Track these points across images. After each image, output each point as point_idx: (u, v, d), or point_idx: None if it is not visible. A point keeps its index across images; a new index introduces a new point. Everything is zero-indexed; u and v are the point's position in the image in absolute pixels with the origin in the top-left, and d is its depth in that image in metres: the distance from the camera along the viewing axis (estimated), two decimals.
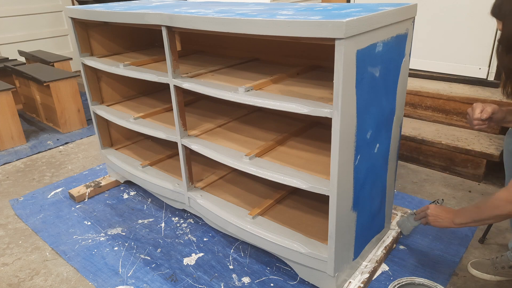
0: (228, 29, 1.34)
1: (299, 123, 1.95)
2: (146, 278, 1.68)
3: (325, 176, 1.41)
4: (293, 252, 1.50)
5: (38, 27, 4.66)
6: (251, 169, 1.51)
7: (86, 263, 1.78)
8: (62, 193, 2.37)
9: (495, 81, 2.60)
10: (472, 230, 1.88)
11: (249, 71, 1.83)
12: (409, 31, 1.45)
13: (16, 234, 2.03)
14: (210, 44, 2.34)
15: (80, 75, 2.52)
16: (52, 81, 3.10)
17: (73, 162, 2.78)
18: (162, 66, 1.95)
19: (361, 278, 1.55)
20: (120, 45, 2.33)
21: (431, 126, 2.61)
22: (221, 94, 1.52)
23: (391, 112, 1.50)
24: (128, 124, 2.00)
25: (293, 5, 1.64)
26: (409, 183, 2.31)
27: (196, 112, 2.16)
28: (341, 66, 1.12)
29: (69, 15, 2.05)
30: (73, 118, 3.33)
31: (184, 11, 1.59)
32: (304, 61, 1.92)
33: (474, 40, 2.62)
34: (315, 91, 1.48)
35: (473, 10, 2.58)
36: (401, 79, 1.50)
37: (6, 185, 2.53)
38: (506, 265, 1.56)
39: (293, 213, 1.72)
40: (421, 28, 2.77)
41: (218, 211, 1.75)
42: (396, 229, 1.81)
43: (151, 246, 1.87)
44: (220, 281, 1.64)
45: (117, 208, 2.20)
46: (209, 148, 1.68)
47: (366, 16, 1.15)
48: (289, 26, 1.17)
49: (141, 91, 2.48)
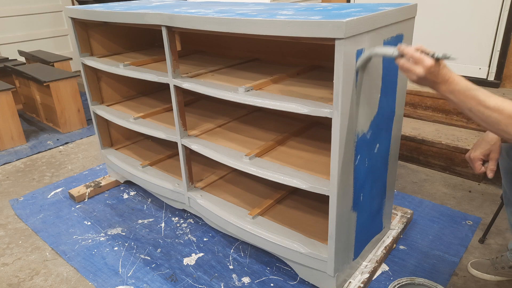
0: (228, 29, 1.34)
1: (299, 123, 1.95)
2: (146, 278, 1.68)
3: (325, 176, 1.41)
4: (293, 252, 1.50)
5: (38, 27, 4.66)
6: (251, 169, 1.51)
7: (86, 263, 1.78)
8: (62, 193, 2.37)
9: (495, 81, 2.60)
10: (472, 230, 1.88)
11: (249, 71, 1.83)
12: (409, 31, 1.45)
13: (16, 234, 2.03)
14: (210, 44, 2.33)
15: (80, 75, 2.52)
16: (52, 81, 3.10)
17: (73, 162, 2.78)
18: (162, 66, 1.95)
19: (361, 278, 1.55)
20: (120, 45, 2.33)
21: (431, 126, 2.61)
22: (221, 94, 1.51)
23: (391, 112, 1.50)
24: (128, 124, 2.00)
25: (293, 5, 1.64)
26: (409, 183, 2.31)
27: (196, 112, 2.16)
28: (341, 66, 1.12)
29: (69, 15, 2.05)
30: (73, 118, 3.33)
31: (184, 11, 1.59)
32: (304, 61, 1.92)
33: (474, 40, 2.62)
34: (315, 91, 1.48)
35: (473, 10, 2.58)
36: (401, 79, 1.50)
37: (6, 185, 2.53)
38: (506, 265, 1.56)
39: (293, 213, 1.72)
40: (421, 28, 2.77)
41: (218, 211, 1.75)
42: (396, 229, 1.81)
43: (151, 246, 1.87)
44: (220, 281, 1.64)
45: (117, 208, 2.20)
46: (209, 148, 1.68)
47: (366, 16, 1.15)
48: (289, 26, 1.17)
49: (141, 91, 2.48)
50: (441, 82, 1.06)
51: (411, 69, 1.07)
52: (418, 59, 1.05)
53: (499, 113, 1.00)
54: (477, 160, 1.29)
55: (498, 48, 2.53)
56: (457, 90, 1.04)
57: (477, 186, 2.25)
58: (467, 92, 1.04)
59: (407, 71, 1.09)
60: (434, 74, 1.05)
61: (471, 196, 2.16)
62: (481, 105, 1.02)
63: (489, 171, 1.27)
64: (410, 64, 1.08)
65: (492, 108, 1.01)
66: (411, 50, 1.07)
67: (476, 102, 1.02)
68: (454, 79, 1.05)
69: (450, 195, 2.18)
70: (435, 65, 1.04)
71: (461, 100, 1.05)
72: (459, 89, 1.04)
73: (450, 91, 1.06)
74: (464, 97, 1.04)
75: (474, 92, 1.03)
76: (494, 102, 1.01)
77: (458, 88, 1.04)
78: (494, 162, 1.27)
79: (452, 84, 1.05)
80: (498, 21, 2.49)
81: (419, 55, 1.05)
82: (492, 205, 2.06)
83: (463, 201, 2.11)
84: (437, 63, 1.04)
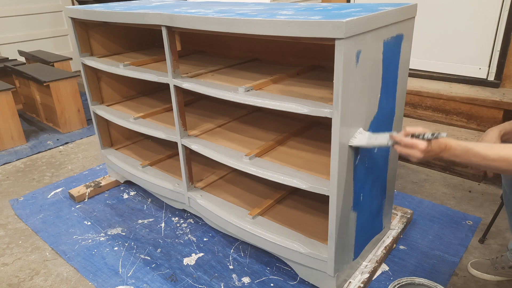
0: (228, 29, 1.34)
1: (299, 123, 1.95)
2: (146, 278, 1.68)
3: (325, 176, 1.41)
4: (293, 252, 1.50)
5: (38, 27, 4.66)
6: (251, 169, 1.51)
7: (86, 263, 1.78)
8: (62, 193, 2.37)
9: (495, 81, 2.60)
10: (472, 230, 1.88)
11: (249, 71, 1.83)
12: (409, 31, 1.45)
13: (16, 234, 2.03)
14: (210, 44, 2.33)
15: (80, 75, 2.52)
16: (52, 81, 3.10)
17: (73, 162, 2.78)
18: (162, 66, 1.95)
19: (361, 278, 1.55)
20: (120, 45, 2.33)
21: (431, 126, 2.61)
22: (221, 94, 1.52)
23: (391, 112, 1.50)
24: (128, 124, 2.00)
25: (293, 5, 1.64)
26: (409, 183, 2.31)
27: (196, 112, 2.16)
28: (341, 66, 1.12)
29: (69, 15, 2.05)
30: (73, 118, 3.33)
31: (184, 11, 1.59)
32: (304, 61, 1.92)
33: (474, 40, 2.62)
34: (315, 91, 1.48)
35: (473, 10, 2.58)
36: (401, 79, 1.50)
37: (6, 185, 2.53)
38: (506, 265, 1.56)
39: (293, 213, 1.72)
40: (421, 28, 2.77)
41: (218, 211, 1.75)
42: (396, 229, 1.81)
43: (151, 246, 1.87)
44: (220, 281, 1.64)
45: (117, 208, 2.20)
46: (209, 148, 1.68)
47: (366, 16, 1.15)
48: (289, 26, 1.17)
49: (141, 91, 2.48)
50: (441, 152, 1.12)
51: (409, 153, 1.14)
52: (411, 145, 1.12)
53: (506, 162, 1.06)
54: None
55: (498, 48, 2.53)
56: (457, 154, 1.11)
57: (477, 186, 2.25)
58: (468, 152, 1.10)
59: (406, 156, 1.15)
60: (432, 151, 1.11)
61: (471, 196, 2.16)
62: (486, 160, 1.08)
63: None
64: (407, 150, 1.14)
65: (496, 160, 1.07)
66: (402, 139, 1.14)
67: (480, 158, 1.08)
68: (451, 145, 1.11)
69: (450, 195, 2.18)
70: (428, 145, 1.10)
71: (467, 160, 1.11)
72: (459, 153, 1.11)
73: (453, 156, 1.12)
74: (467, 158, 1.10)
75: (474, 150, 1.09)
76: (496, 153, 1.07)
77: (458, 153, 1.11)
78: None
79: (451, 150, 1.11)
80: (498, 21, 2.49)
81: (411, 141, 1.12)
82: (492, 205, 2.06)
83: (463, 201, 2.11)
84: (429, 142, 1.10)
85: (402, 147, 1.15)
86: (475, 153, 1.09)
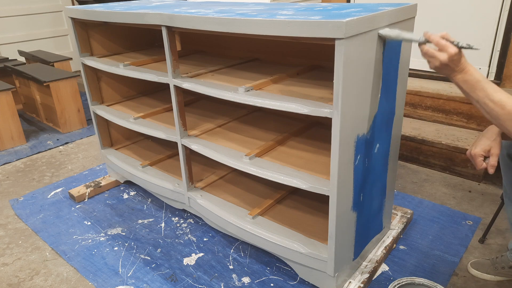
0: (228, 29, 1.34)
1: (299, 123, 1.95)
2: (146, 278, 1.68)
3: (325, 176, 1.41)
4: (293, 252, 1.50)
5: (38, 27, 4.66)
6: (251, 169, 1.51)
7: (86, 263, 1.78)
8: (62, 193, 2.37)
9: (495, 81, 2.60)
10: (472, 230, 1.88)
11: (249, 71, 1.83)
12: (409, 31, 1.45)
13: (16, 234, 2.03)
14: (210, 44, 2.33)
15: (80, 75, 2.52)
16: (52, 81, 3.10)
17: (73, 162, 2.78)
18: (162, 66, 1.95)
19: (361, 278, 1.55)
20: (120, 45, 2.33)
21: (431, 126, 2.61)
22: (221, 94, 1.52)
23: (391, 112, 1.50)
24: (128, 124, 2.00)
25: (293, 5, 1.64)
26: (409, 183, 2.31)
27: (196, 112, 2.16)
28: (341, 66, 1.12)
29: (69, 15, 2.05)
30: (73, 118, 3.33)
31: (184, 11, 1.59)
32: (304, 61, 1.92)
33: (474, 40, 2.62)
34: (315, 91, 1.48)
35: (473, 10, 2.58)
36: (401, 79, 1.50)
37: (6, 185, 2.53)
38: (506, 265, 1.56)
39: (293, 213, 1.72)
40: (421, 28, 2.76)
41: (218, 211, 1.75)
42: (396, 229, 1.81)
43: (151, 246, 1.87)
44: (220, 281, 1.64)
45: (117, 208, 2.20)
46: (209, 148, 1.68)
47: (366, 16, 1.15)
48: (289, 26, 1.17)
49: (141, 91, 2.48)
50: (458, 71, 1.12)
51: (435, 55, 1.12)
52: (443, 46, 1.11)
53: (501, 108, 1.07)
54: (478, 156, 1.31)
55: (498, 48, 2.53)
56: (469, 80, 1.11)
57: (477, 186, 2.25)
58: (478, 83, 1.11)
59: (431, 57, 1.14)
60: (455, 62, 1.11)
61: (471, 196, 2.16)
62: (487, 98, 1.09)
63: (490, 167, 1.29)
64: (434, 50, 1.13)
65: (496, 102, 1.08)
66: (437, 37, 1.13)
67: (484, 94, 1.09)
68: (469, 70, 1.12)
69: (450, 195, 2.18)
70: (458, 53, 1.10)
71: (471, 90, 1.12)
72: (471, 80, 1.11)
73: (464, 81, 1.12)
74: (474, 88, 1.11)
75: (484, 84, 1.10)
76: (499, 97, 1.08)
77: (471, 79, 1.11)
78: (495, 158, 1.29)
79: (466, 74, 1.11)
80: (498, 21, 2.49)
81: (444, 42, 1.11)
82: (492, 205, 2.06)
83: (463, 201, 2.11)
84: (459, 51, 1.10)
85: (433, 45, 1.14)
86: (482, 87, 1.10)
